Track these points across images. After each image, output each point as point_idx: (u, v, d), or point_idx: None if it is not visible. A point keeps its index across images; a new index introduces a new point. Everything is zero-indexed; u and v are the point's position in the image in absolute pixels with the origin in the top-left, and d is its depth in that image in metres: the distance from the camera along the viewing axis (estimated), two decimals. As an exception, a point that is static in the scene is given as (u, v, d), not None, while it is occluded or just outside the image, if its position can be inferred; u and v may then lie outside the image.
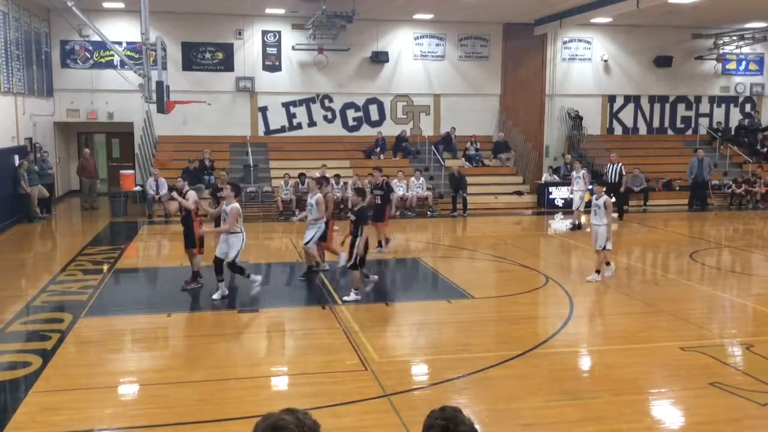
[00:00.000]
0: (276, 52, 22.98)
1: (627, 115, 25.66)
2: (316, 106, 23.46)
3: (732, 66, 26.10)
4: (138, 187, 20.19)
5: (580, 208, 17.84)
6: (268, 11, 21.86)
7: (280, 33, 22.89)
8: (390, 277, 13.13)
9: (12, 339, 8.67)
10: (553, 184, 21.89)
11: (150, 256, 15.40)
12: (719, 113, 26.24)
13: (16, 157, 17.81)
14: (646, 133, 25.79)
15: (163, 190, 18.97)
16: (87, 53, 21.85)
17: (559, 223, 19.44)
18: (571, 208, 19.70)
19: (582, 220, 17.70)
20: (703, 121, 25.99)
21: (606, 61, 25.00)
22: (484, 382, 7.25)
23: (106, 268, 12.67)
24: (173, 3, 20.38)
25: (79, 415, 6.44)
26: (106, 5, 20.73)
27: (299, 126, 23.43)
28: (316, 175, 18.48)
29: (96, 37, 19.92)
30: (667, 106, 25.89)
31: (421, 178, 20.60)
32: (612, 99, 25.45)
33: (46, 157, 19.74)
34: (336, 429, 5.99)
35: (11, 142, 17.84)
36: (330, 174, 18.99)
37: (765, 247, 16.28)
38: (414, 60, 23.80)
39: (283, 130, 23.34)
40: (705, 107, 26.16)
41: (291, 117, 23.39)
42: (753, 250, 15.47)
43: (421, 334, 9.20)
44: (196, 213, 11.05)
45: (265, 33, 22.84)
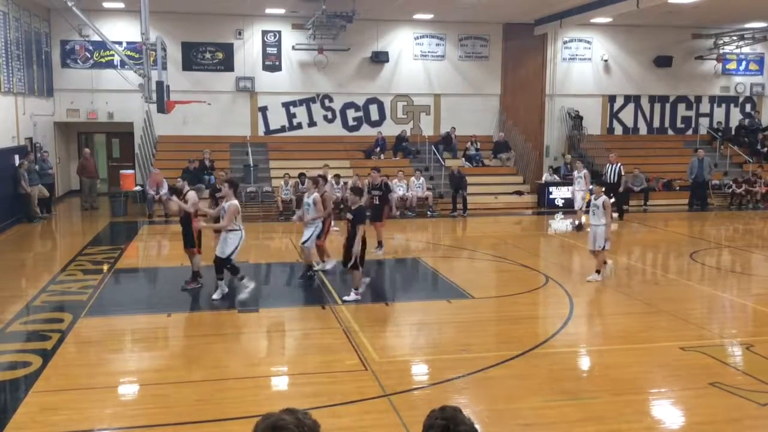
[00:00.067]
0: (276, 52, 22.98)
1: (627, 115, 25.66)
2: (316, 106, 23.46)
3: (732, 66, 26.10)
4: (138, 187, 20.20)
5: (582, 208, 17.84)
6: (268, 11, 21.86)
7: (280, 33, 22.89)
8: (390, 277, 13.15)
9: (12, 339, 8.67)
10: (554, 184, 21.89)
11: (150, 256, 15.40)
12: (719, 113, 26.24)
13: (16, 157, 17.81)
14: (646, 133, 25.79)
15: (164, 190, 18.98)
16: (87, 53, 21.85)
17: (559, 223, 19.45)
18: (570, 207, 19.73)
19: (584, 220, 17.68)
20: (704, 121, 25.98)
21: (606, 61, 25.00)
22: (484, 382, 7.25)
23: (106, 268, 12.67)
24: (173, 3, 20.38)
25: (79, 415, 6.44)
26: (106, 5, 20.73)
27: (299, 126, 23.44)
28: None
29: (96, 37, 19.92)
30: (668, 106, 25.89)
31: (421, 178, 20.60)
32: (612, 99, 25.44)
33: (46, 157, 19.74)
34: (336, 429, 5.99)
35: (11, 142, 17.84)
36: (331, 174, 19.04)
37: (765, 247, 16.27)
38: (414, 60, 23.80)
39: (283, 130, 23.34)
40: (705, 107, 26.16)
41: (291, 117, 23.39)
42: (753, 250, 15.47)
43: (421, 334, 9.20)
44: (195, 213, 11.05)
45: (265, 33, 22.84)
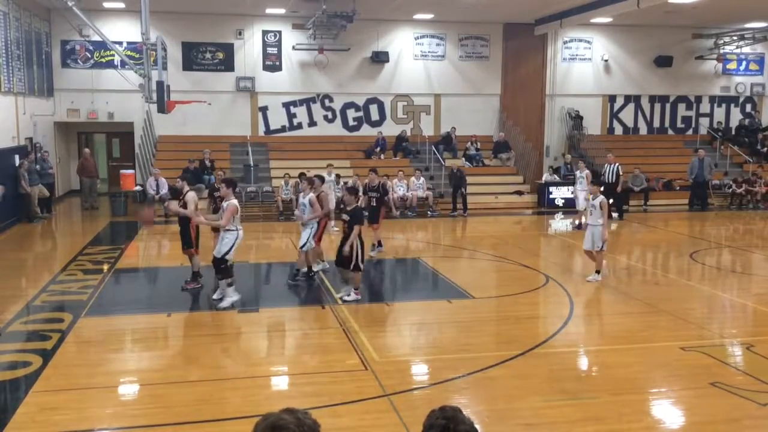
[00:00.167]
0: (276, 52, 22.98)
1: (627, 115, 25.66)
2: (317, 106, 23.46)
3: (732, 66, 26.10)
4: (138, 187, 20.20)
5: (584, 209, 17.82)
6: (269, 11, 21.86)
7: (280, 33, 22.90)
8: (390, 277, 13.15)
9: (12, 339, 8.67)
10: (554, 184, 21.89)
11: (150, 256, 15.40)
12: (720, 113, 26.24)
13: (17, 157, 17.81)
14: (646, 133, 25.79)
15: (164, 190, 19.00)
16: (87, 53, 21.86)
17: (559, 223, 19.45)
18: (571, 207, 19.73)
19: (583, 220, 17.67)
20: (704, 121, 25.98)
21: (606, 61, 24.99)
22: (484, 382, 7.25)
23: (106, 268, 12.68)
24: (173, 3, 20.38)
25: (79, 414, 6.44)
26: (107, 5, 20.73)
27: (299, 126, 23.44)
28: (323, 175, 18.56)
29: (96, 37, 19.92)
30: (668, 106, 25.89)
31: (421, 178, 20.60)
32: (612, 99, 25.44)
33: (47, 156, 19.74)
34: (336, 429, 5.99)
35: (11, 142, 17.84)
36: (334, 174, 19.04)
37: (765, 247, 16.26)
38: (414, 60, 23.80)
39: (283, 129, 23.34)
40: (705, 107, 26.16)
41: (291, 117, 23.39)
42: (753, 250, 15.47)
43: (421, 334, 9.19)
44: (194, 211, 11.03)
45: (265, 33, 22.84)
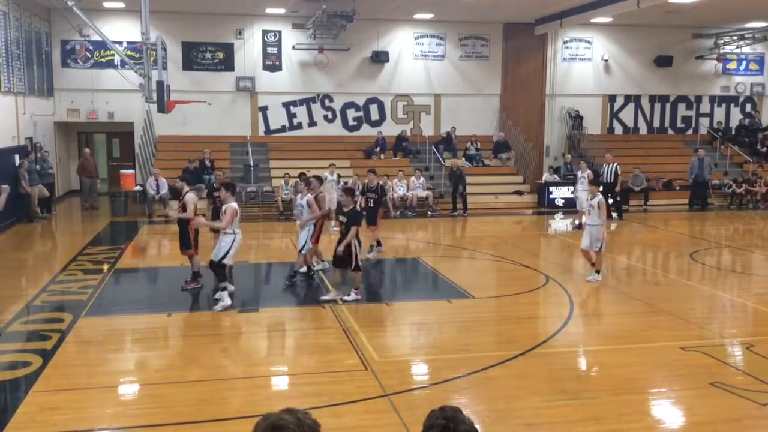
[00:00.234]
0: (276, 52, 22.98)
1: (627, 114, 25.66)
2: (317, 105, 23.46)
3: (732, 66, 26.10)
4: (138, 187, 20.19)
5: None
6: (269, 11, 21.86)
7: (280, 33, 22.89)
8: (390, 277, 13.15)
9: (12, 339, 8.67)
10: (554, 184, 21.88)
11: (150, 255, 15.39)
12: (720, 113, 26.24)
13: (17, 156, 17.81)
14: (646, 133, 25.79)
15: (164, 190, 19.01)
16: (87, 53, 21.85)
17: (559, 223, 19.45)
18: (571, 207, 19.73)
19: (584, 220, 17.67)
20: (704, 121, 25.98)
21: (606, 60, 24.99)
22: (484, 381, 7.25)
23: (106, 267, 12.68)
24: (173, 3, 20.38)
25: (79, 414, 6.44)
26: (107, 5, 20.72)
27: (299, 126, 23.43)
28: (324, 175, 18.57)
29: (96, 37, 19.92)
30: (668, 106, 25.88)
31: (421, 178, 20.60)
32: (612, 99, 25.44)
33: (47, 156, 19.74)
34: (336, 429, 5.99)
35: (11, 142, 17.84)
36: (336, 174, 19.07)
37: (765, 247, 16.27)
38: (414, 60, 23.79)
39: (283, 129, 23.34)
40: (705, 107, 26.15)
41: (291, 117, 23.39)
42: (753, 250, 15.47)
43: (421, 334, 9.20)
44: (194, 214, 11.01)
45: (265, 33, 22.84)
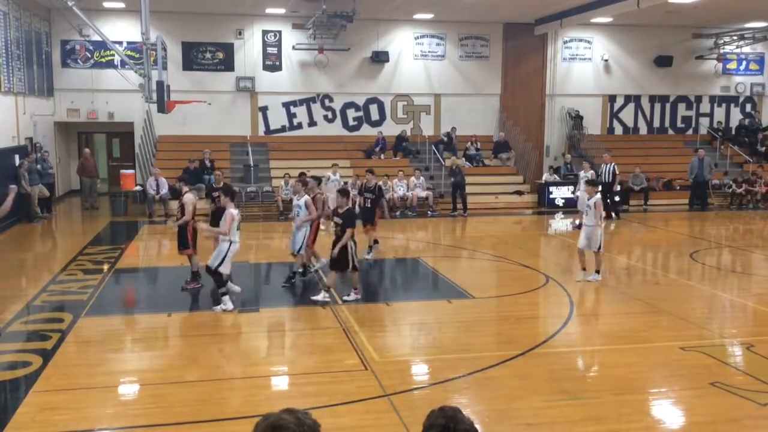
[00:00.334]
0: (276, 52, 22.97)
1: (627, 114, 25.65)
2: (317, 105, 23.46)
3: (732, 66, 26.09)
4: (138, 187, 20.19)
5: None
6: (269, 11, 21.86)
7: (280, 33, 22.89)
8: (390, 277, 13.15)
9: (12, 339, 8.67)
10: (554, 184, 21.88)
11: (150, 255, 15.40)
12: (720, 113, 26.23)
13: (17, 156, 17.82)
14: (646, 133, 25.78)
15: (164, 190, 19.02)
16: (87, 53, 21.85)
17: (559, 223, 19.44)
18: (571, 207, 19.71)
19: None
20: (704, 121, 25.97)
21: (606, 60, 24.98)
22: (484, 381, 7.25)
23: (106, 267, 12.68)
24: (173, 3, 20.38)
25: (79, 414, 6.44)
26: (107, 5, 20.72)
27: (299, 126, 23.43)
28: (327, 175, 18.61)
29: (96, 37, 19.92)
30: (668, 106, 25.88)
31: (420, 178, 20.59)
32: (612, 99, 25.43)
33: (47, 156, 19.74)
34: (336, 429, 5.99)
35: (11, 142, 17.84)
36: (338, 174, 19.07)
37: (765, 247, 16.27)
38: (414, 60, 23.79)
39: (283, 129, 23.34)
40: (705, 107, 26.15)
41: (291, 117, 23.39)
42: (753, 250, 15.46)
43: (421, 334, 9.20)
44: (193, 215, 11.00)
45: (265, 33, 22.84)
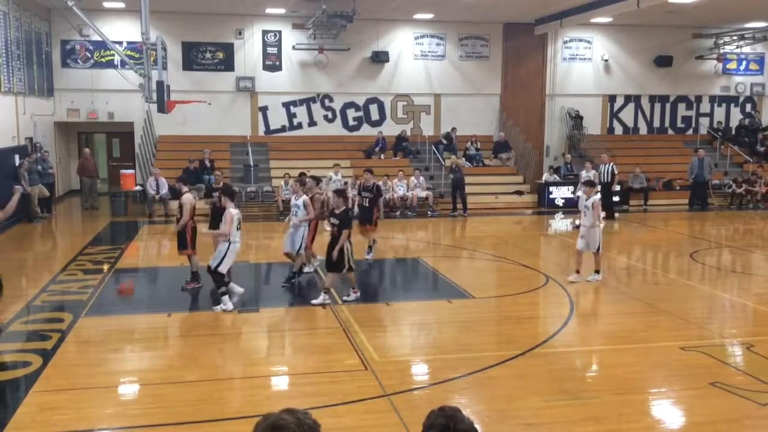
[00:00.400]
0: (276, 52, 22.97)
1: (627, 114, 25.65)
2: (317, 105, 23.46)
3: (732, 66, 26.09)
4: (138, 187, 20.19)
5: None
6: (269, 11, 21.86)
7: (280, 33, 22.89)
8: (390, 277, 13.15)
9: (12, 339, 8.66)
10: (554, 184, 21.88)
11: (150, 255, 15.40)
12: (720, 113, 26.23)
13: (17, 156, 17.82)
14: (646, 133, 25.78)
15: (164, 190, 19.02)
16: (87, 53, 21.85)
17: (559, 223, 19.44)
18: (571, 207, 19.70)
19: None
20: (704, 121, 25.97)
21: (606, 60, 24.98)
22: (484, 381, 7.25)
23: (106, 267, 12.68)
24: (173, 3, 20.38)
25: (79, 414, 6.44)
26: (107, 5, 20.72)
27: (299, 126, 23.43)
28: (329, 175, 18.62)
29: (96, 37, 19.93)
30: (668, 106, 25.88)
31: (420, 177, 20.59)
32: (612, 99, 25.43)
33: (47, 156, 19.74)
34: (336, 429, 5.99)
35: (11, 142, 17.84)
36: (340, 174, 19.06)
37: (765, 247, 16.26)
38: (414, 60, 23.79)
39: (283, 129, 23.34)
40: (705, 107, 26.15)
41: (291, 117, 23.39)
42: (753, 250, 15.46)
43: (421, 334, 9.20)
44: (191, 215, 10.98)
45: (265, 33, 22.83)
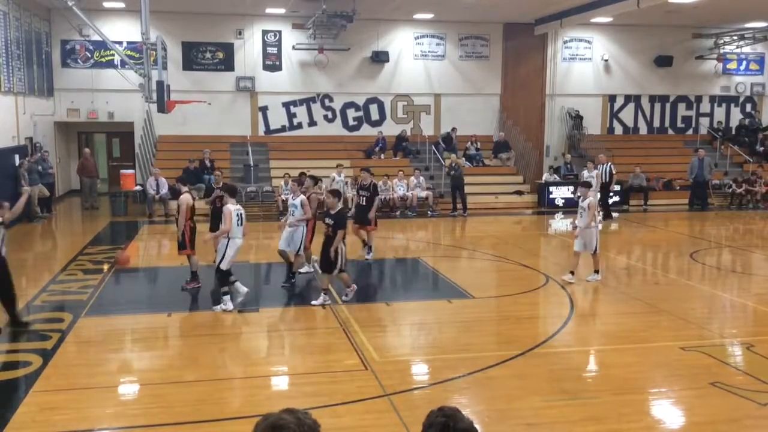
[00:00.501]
0: (276, 52, 22.97)
1: (627, 114, 25.65)
2: (317, 105, 23.46)
3: (732, 66, 26.09)
4: (138, 187, 20.19)
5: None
6: (269, 11, 21.86)
7: (280, 33, 22.89)
8: (390, 277, 13.16)
9: (12, 338, 8.66)
10: (554, 184, 21.88)
11: (150, 255, 15.40)
12: (720, 113, 26.23)
13: (17, 156, 17.82)
14: (646, 133, 25.78)
15: (164, 190, 19.02)
16: (87, 53, 21.85)
17: (559, 223, 19.43)
18: (571, 207, 19.70)
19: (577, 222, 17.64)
20: (704, 121, 25.97)
21: (606, 60, 24.98)
22: (484, 381, 7.25)
23: (106, 267, 12.68)
24: (173, 3, 20.37)
25: (79, 414, 6.44)
26: (107, 5, 20.72)
27: (299, 126, 23.43)
28: (332, 175, 18.61)
29: (96, 37, 19.92)
30: (668, 106, 25.87)
31: (420, 177, 20.59)
32: (612, 99, 25.43)
33: (47, 156, 19.74)
34: (336, 429, 5.99)
35: (11, 142, 17.84)
36: (343, 174, 19.06)
37: (765, 247, 16.26)
38: (414, 60, 23.79)
39: (283, 129, 23.34)
40: (705, 107, 26.14)
41: (291, 117, 23.39)
42: (753, 250, 15.46)
43: (421, 333, 9.20)
44: (190, 215, 10.97)
45: (265, 33, 22.83)
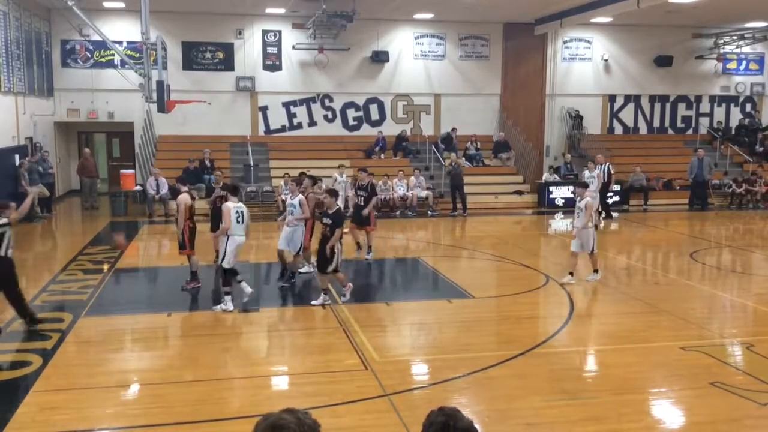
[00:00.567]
0: (276, 52, 22.97)
1: (627, 114, 25.64)
2: (317, 105, 23.45)
3: (732, 66, 26.08)
4: (138, 187, 20.19)
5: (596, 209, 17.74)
6: (269, 11, 21.85)
7: (280, 32, 22.89)
8: (390, 277, 13.16)
9: (12, 338, 8.66)
10: (554, 184, 21.87)
11: (150, 255, 15.40)
12: (719, 113, 26.22)
13: (17, 156, 17.82)
14: (646, 133, 25.77)
15: (164, 190, 19.02)
16: (87, 53, 21.85)
17: (559, 223, 19.43)
18: (571, 207, 19.69)
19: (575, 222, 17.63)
20: (704, 121, 25.96)
21: (606, 60, 24.97)
22: (484, 381, 7.25)
23: (106, 267, 12.68)
24: (173, 2, 20.37)
25: (79, 414, 6.44)
26: (107, 5, 20.71)
27: (299, 126, 23.43)
28: (335, 176, 18.60)
29: (96, 37, 19.92)
30: (668, 106, 25.87)
31: (420, 177, 20.59)
32: (612, 99, 25.42)
33: (47, 156, 19.74)
34: (336, 429, 5.99)
35: (11, 142, 17.84)
36: (345, 174, 19.05)
37: (765, 247, 16.27)
38: (414, 59, 23.78)
39: (283, 129, 23.33)
40: (705, 107, 26.14)
41: (291, 116, 23.38)
42: (753, 250, 15.46)
43: (421, 333, 9.20)
44: (189, 215, 10.97)
45: (265, 32, 22.83)
